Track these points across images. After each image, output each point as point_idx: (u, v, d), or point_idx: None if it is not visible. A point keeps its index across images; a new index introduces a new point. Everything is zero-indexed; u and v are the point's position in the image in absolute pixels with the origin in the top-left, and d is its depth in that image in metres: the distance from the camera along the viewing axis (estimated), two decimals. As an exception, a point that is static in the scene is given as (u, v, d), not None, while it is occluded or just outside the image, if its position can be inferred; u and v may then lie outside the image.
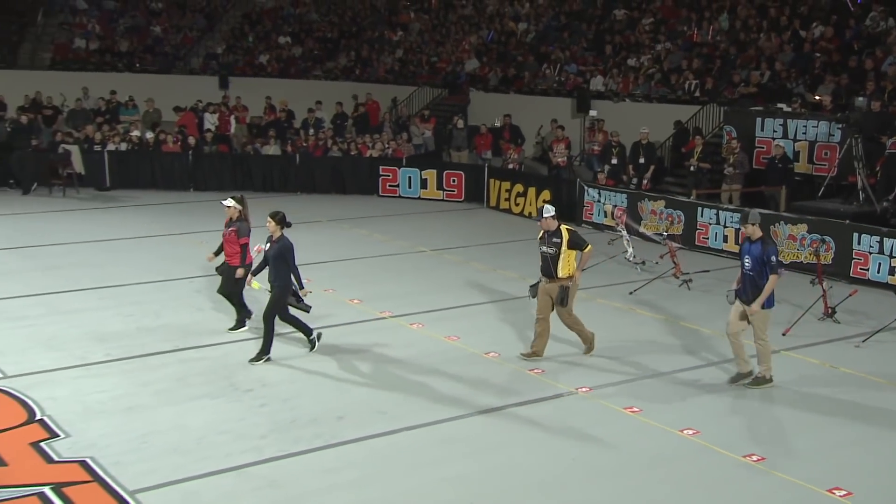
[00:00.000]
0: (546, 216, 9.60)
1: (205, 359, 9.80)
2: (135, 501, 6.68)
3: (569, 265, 9.49)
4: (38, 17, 33.22)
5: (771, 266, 8.55)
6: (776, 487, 6.98)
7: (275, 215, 9.57)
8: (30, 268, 13.17)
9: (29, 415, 8.15)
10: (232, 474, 7.18)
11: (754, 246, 8.67)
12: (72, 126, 21.23)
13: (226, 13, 36.14)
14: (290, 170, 20.31)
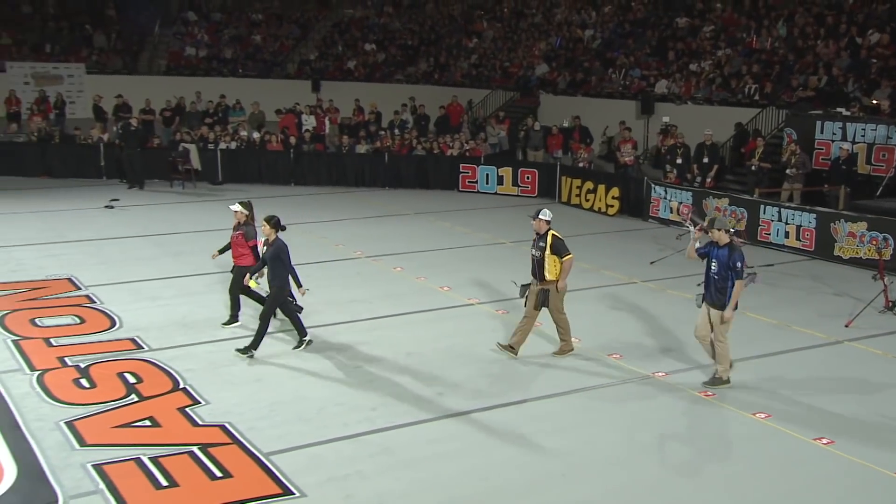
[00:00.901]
0: (541, 218, 9.22)
1: (315, 338, 10.13)
2: (269, 462, 7.03)
3: (554, 269, 9.16)
4: (156, 29, 34.21)
5: (736, 272, 8.24)
6: (846, 468, 7.00)
7: (269, 219, 9.37)
8: (160, 254, 13.70)
9: (174, 383, 8.59)
10: (350, 441, 7.49)
11: (721, 251, 8.37)
12: (187, 126, 21.93)
13: (318, 23, 36.67)
14: (380, 167, 20.63)
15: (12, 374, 8.62)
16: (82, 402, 8.05)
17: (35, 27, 32.86)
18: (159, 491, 6.55)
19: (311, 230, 15.79)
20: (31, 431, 7.39)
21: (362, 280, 12.69)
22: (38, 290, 11.36)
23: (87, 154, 19.82)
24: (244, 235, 10.10)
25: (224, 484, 6.71)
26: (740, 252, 8.43)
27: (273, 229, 9.30)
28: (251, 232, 10.11)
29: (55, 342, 9.52)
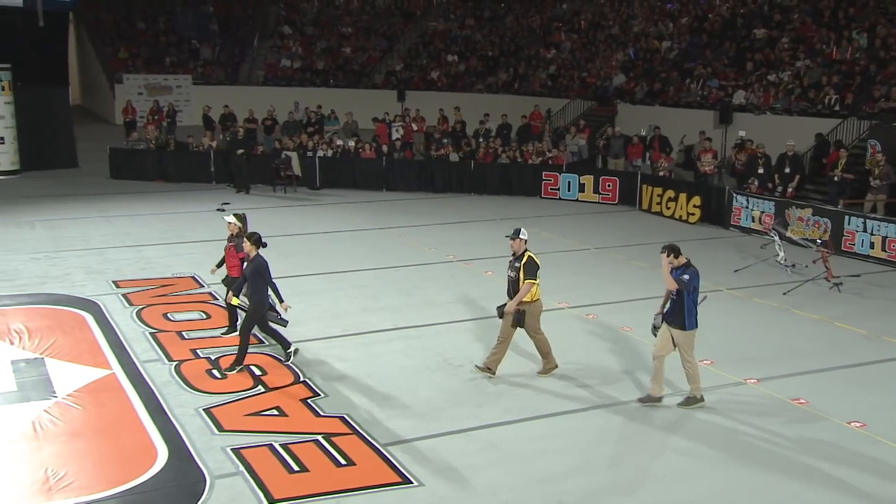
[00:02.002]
0: (519, 238, 8.91)
1: (420, 337, 10.43)
2: (388, 453, 7.35)
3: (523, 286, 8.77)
4: (255, 42, 35.31)
5: (680, 280, 8.02)
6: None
7: (251, 236, 9.17)
8: (271, 254, 13.93)
9: (294, 377, 8.99)
10: (459, 435, 7.75)
11: (678, 271, 8.17)
12: (286, 135, 22.61)
13: (403, 35, 37.26)
14: (465, 174, 20.89)
15: (153, 363, 9.18)
16: (216, 391, 8.53)
17: (149, 42, 34.32)
18: (292, 475, 6.93)
19: (403, 234, 16.16)
20: (176, 417, 7.89)
21: (456, 283, 12.95)
22: (167, 287, 11.99)
23: (198, 160, 20.66)
24: (236, 247, 9.88)
25: (349, 471, 7.05)
26: (695, 270, 8.16)
27: (254, 246, 9.03)
28: (241, 244, 9.72)
29: (187, 335, 10.07)
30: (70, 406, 8.01)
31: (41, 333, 9.77)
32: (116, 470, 6.85)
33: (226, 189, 19.76)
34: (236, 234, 9.99)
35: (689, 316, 8.14)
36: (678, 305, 8.15)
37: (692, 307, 8.15)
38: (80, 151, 22.33)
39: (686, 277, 8.06)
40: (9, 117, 19.80)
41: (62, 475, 6.71)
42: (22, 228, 15.15)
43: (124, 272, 12.62)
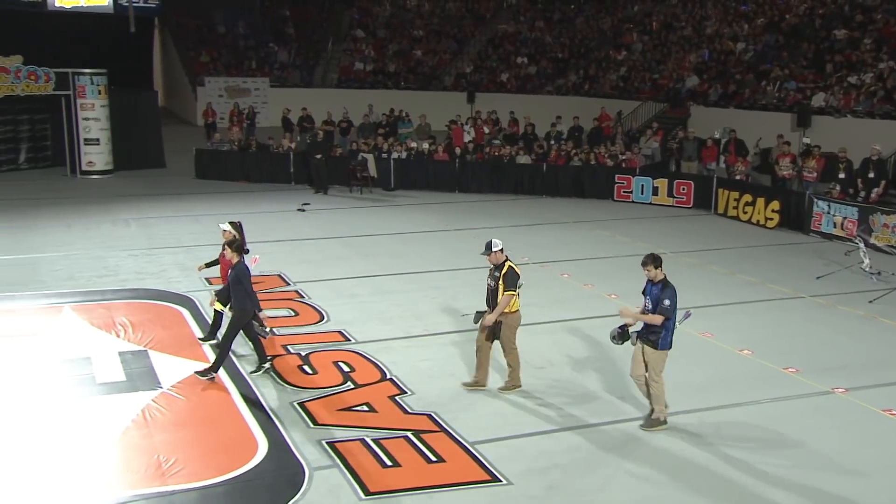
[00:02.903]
0: (494, 250, 8.67)
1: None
2: (475, 450, 7.51)
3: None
4: (329, 45, 35.97)
5: (662, 308, 7.65)
6: None
7: (231, 243, 9.11)
8: (352, 254, 14.55)
9: (381, 374, 9.23)
10: (545, 436, 7.85)
11: (655, 287, 7.82)
12: (361, 137, 23.03)
13: (473, 38, 37.41)
14: (537, 176, 20.92)
15: (248, 358, 9.54)
16: (308, 385, 8.82)
17: (228, 45, 35.33)
18: (385, 469, 7.15)
19: (477, 236, 16.26)
20: (273, 410, 8.21)
21: (532, 285, 12.94)
22: (255, 285, 12.27)
23: (278, 161, 21.22)
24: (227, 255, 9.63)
25: (439, 467, 7.23)
26: (673, 290, 7.78)
27: (235, 253, 8.95)
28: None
29: (277, 331, 10.42)
30: (174, 397, 8.41)
31: (144, 327, 10.25)
32: (222, 459, 7.18)
33: (305, 189, 20.24)
34: (231, 241, 9.64)
35: (665, 336, 7.79)
36: (653, 324, 7.77)
37: (671, 327, 7.80)
38: (166, 152, 23.15)
39: (667, 303, 7.64)
40: (104, 120, 20.69)
41: (172, 462, 7.08)
42: (118, 226, 15.85)
43: (215, 269, 13.06)
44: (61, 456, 7.19)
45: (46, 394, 8.40)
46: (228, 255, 9.01)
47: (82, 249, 13.96)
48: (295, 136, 22.55)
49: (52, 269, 12.73)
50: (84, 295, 11.55)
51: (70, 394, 8.43)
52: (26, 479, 6.80)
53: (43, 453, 7.23)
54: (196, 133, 27.66)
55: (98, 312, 10.72)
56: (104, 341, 9.76)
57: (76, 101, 20.36)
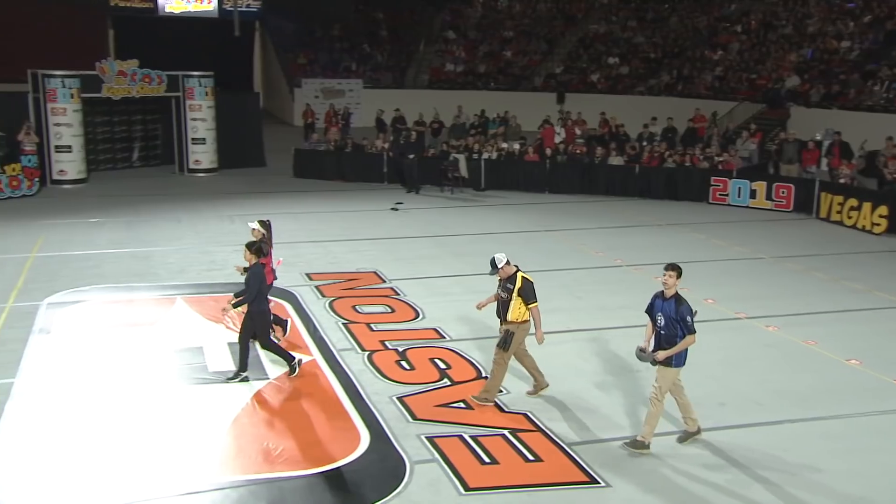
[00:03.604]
0: (501, 266, 8.44)
1: (594, 340, 10.48)
2: (573, 451, 7.50)
3: (517, 310, 8.36)
4: (420, 47, 36.38)
5: (687, 326, 7.24)
6: None
7: (250, 245, 9.00)
8: (443, 253, 14.70)
9: (476, 372, 9.32)
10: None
11: (668, 304, 7.37)
12: (453, 137, 23.20)
13: (564, 38, 37.11)
14: (630, 178, 20.61)
15: (348, 352, 9.79)
16: (406, 381, 8.99)
17: (324, 48, 36.21)
18: (484, 466, 7.23)
19: (569, 237, 16.20)
20: (373, 403, 8.41)
21: (626, 288, 12.87)
22: (353, 281, 12.71)
23: (372, 161, 21.62)
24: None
25: (537, 467, 7.26)
26: (688, 305, 7.39)
27: (253, 255, 8.86)
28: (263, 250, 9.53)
29: (375, 327, 10.66)
30: (281, 387, 8.73)
31: (250, 319, 10.65)
32: (327, 448, 7.42)
33: (397, 189, 20.55)
34: (259, 240, 9.77)
35: (679, 353, 7.37)
36: (669, 340, 7.35)
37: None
38: (265, 151, 23.89)
39: (690, 319, 7.28)
40: (210, 120, 21.55)
41: (280, 449, 7.35)
42: (223, 222, 16.49)
43: (314, 266, 13.47)
44: (178, 439, 7.57)
45: (163, 380, 8.84)
46: (246, 257, 8.85)
47: (192, 244, 14.61)
48: (389, 136, 22.93)
49: (165, 262, 13.37)
50: (195, 287, 12.09)
51: (184, 381, 8.86)
52: (144, 461, 7.19)
53: (160, 436, 7.63)
54: (293, 133, 28.45)
55: (208, 304, 11.20)
56: (214, 332, 10.20)
57: (185, 103, 21.28)
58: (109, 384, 8.69)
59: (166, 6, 34.63)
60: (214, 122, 21.65)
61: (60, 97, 19.25)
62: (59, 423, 7.82)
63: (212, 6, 35.09)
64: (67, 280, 12.18)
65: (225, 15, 33.91)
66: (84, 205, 17.62)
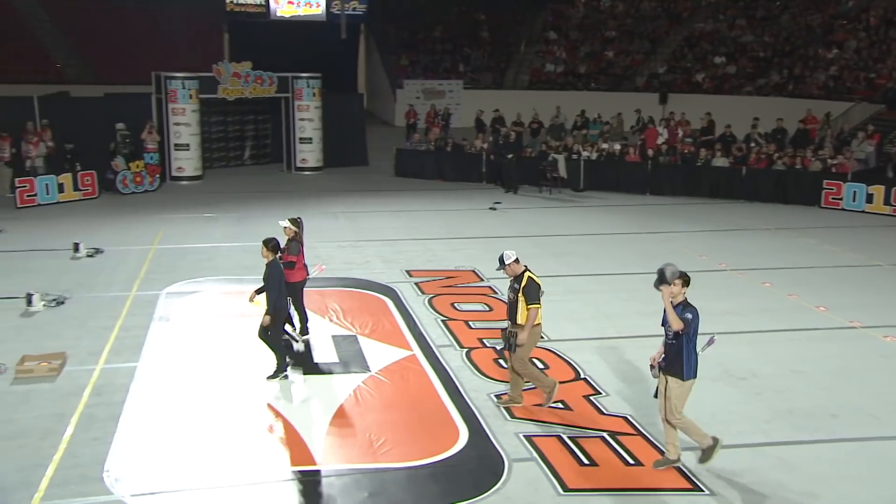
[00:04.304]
0: (508, 263, 8.06)
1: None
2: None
3: (525, 312, 7.97)
4: (521, 48, 36.25)
5: (684, 318, 6.70)
6: None
7: (267, 242, 8.76)
8: (541, 254, 14.53)
9: (575, 373, 9.21)
10: (747, 450, 7.49)
11: (675, 310, 6.82)
12: (551, 138, 23.00)
13: (668, 37, 36.18)
14: (736, 180, 19.89)
15: (447, 348, 9.87)
16: (504, 379, 8.96)
17: (426, 49, 36.61)
18: (583, 467, 7.13)
19: (671, 239, 15.78)
20: (471, 400, 8.44)
21: (731, 293, 12.43)
22: (452, 279, 12.79)
23: (471, 161, 21.70)
24: (288, 250, 9.58)
25: (637, 471, 7.11)
26: (695, 310, 6.88)
27: (270, 252, 8.72)
28: (294, 248, 9.59)
29: (473, 325, 10.69)
30: (382, 381, 8.88)
31: (353, 314, 10.89)
32: (427, 442, 7.49)
33: (495, 189, 20.55)
34: (291, 237, 9.64)
35: (689, 363, 6.93)
36: (676, 351, 6.93)
37: (692, 353, 6.95)
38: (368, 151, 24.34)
39: (689, 316, 6.80)
40: (316, 120, 22.16)
41: (382, 441, 7.48)
42: (328, 219, 16.93)
43: (414, 263, 13.63)
44: (284, 426, 7.80)
45: (272, 369, 9.13)
46: (264, 255, 8.70)
47: (297, 239, 15.05)
48: (488, 136, 22.96)
49: (273, 256, 13.83)
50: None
51: (290, 370, 9.12)
52: (251, 445, 7.46)
53: (266, 422, 7.89)
54: (394, 133, 28.89)
55: (313, 298, 11.47)
56: (319, 325, 10.46)
57: (294, 103, 21.96)
58: (221, 371, 9.07)
59: (277, 10, 35.83)
60: (320, 122, 22.23)
61: (180, 98, 20.22)
62: (175, 405, 8.23)
63: (320, 10, 36.07)
64: (184, 271, 12.79)
65: (332, 18, 34.78)
66: (200, 200, 18.45)
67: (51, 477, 6.78)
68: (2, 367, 8.77)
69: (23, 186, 17.25)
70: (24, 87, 24.40)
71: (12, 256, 13.48)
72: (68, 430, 7.57)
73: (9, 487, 6.60)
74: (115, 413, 7.94)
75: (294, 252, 9.55)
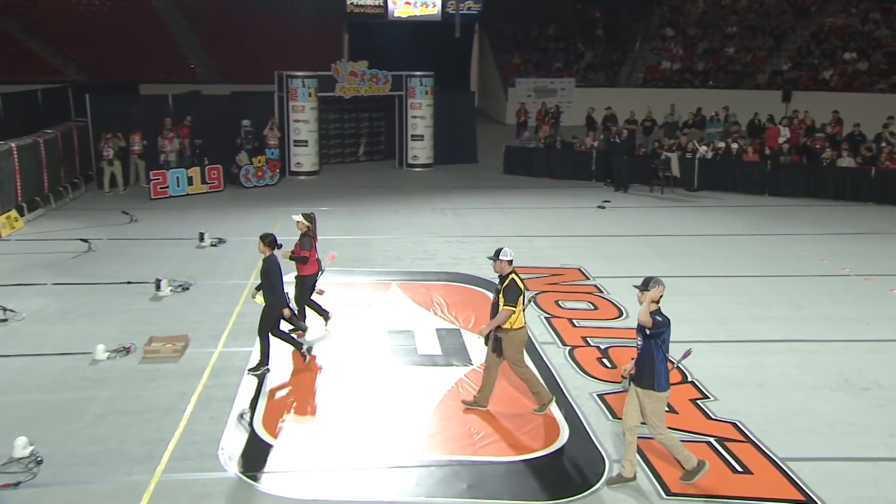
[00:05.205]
0: (501, 259, 7.59)
1: (815, 352, 9.62)
2: (787, 468, 6.92)
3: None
4: (636, 45, 35.39)
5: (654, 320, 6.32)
6: None
7: (265, 237, 8.73)
8: (651, 253, 14.18)
9: (683, 376, 8.87)
10: (869, 464, 7.03)
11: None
12: (665, 136, 22.31)
13: (793, 33, 34.37)
14: (864, 181, 18.65)
15: (549, 346, 9.75)
16: (607, 379, 8.78)
17: (539, 48, 36.34)
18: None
19: (789, 242, 14.99)
20: (573, 398, 8.30)
21: (855, 299, 11.69)
22: (557, 277, 12.62)
23: (581, 159, 21.36)
24: (300, 245, 9.65)
25: (745, 479, 6.79)
26: (666, 319, 6.47)
27: (267, 247, 8.69)
28: (307, 243, 9.65)
29: (577, 323, 10.51)
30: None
31: (457, 308, 10.94)
32: (527, 438, 7.43)
33: (605, 187, 20.15)
34: (304, 232, 9.71)
35: (659, 373, 6.46)
36: (645, 361, 6.49)
37: (662, 363, 6.48)
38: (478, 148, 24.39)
39: (659, 318, 6.41)
40: (428, 118, 22.41)
41: (482, 434, 7.47)
42: (436, 214, 17.09)
43: (519, 259, 13.35)
44: (388, 415, 7.93)
45: (377, 359, 9.31)
46: (261, 249, 8.72)
47: (407, 234, 15.27)
48: (599, 134, 22.54)
49: (383, 250, 14.10)
50: (408, 275, 12.63)
51: (395, 361, 9.27)
52: (358, 433, 7.61)
53: (373, 411, 8.04)
54: (505, 131, 28.83)
55: (419, 291, 11.66)
56: (424, 318, 10.58)
57: (407, 101, 22.29)
58: (330, 359, 9.30)
59: (395, 11, 36.51)
60: (432, 120, 22.46)
61: (300, 96, 20.93)
62: (287, 388, 8.51)
63: (436, 10, 36.48)
64: (299, 261, 13.23)
65: (448, 18, 35.09)
66: (316, 195, 19.03)
67: (172, 451, 7.17)
68: (132, 347, 9.35)
69: (156, 179, 18.34)
70: (164, 87, 25.95)
71: (145, 244, 14.36)
72: (188, 409, 7.98)
73: (135, 458, 7.03)
74: (230, 394, 8.30)
75: (306, 247, 9.66)
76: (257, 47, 33.87)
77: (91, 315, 10.53)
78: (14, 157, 15.60)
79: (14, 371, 8.78)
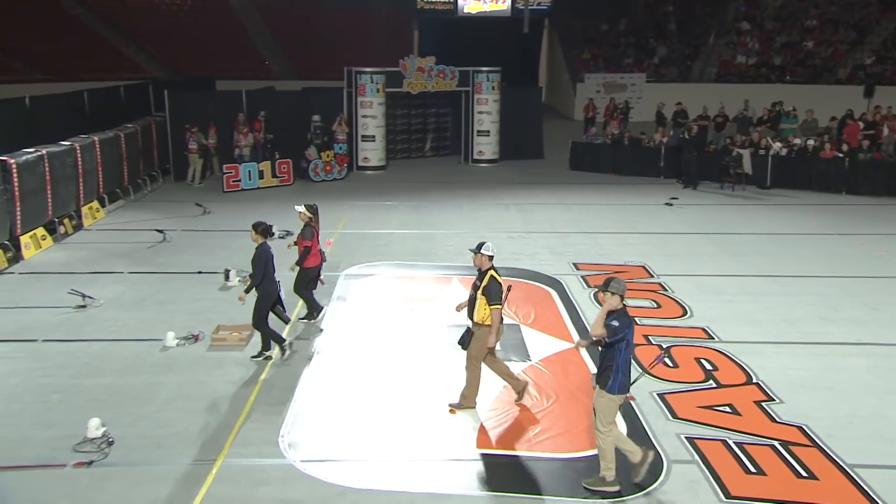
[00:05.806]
0: (483, 253, 7.51)
1: (890, 356, 9.24)
2: (856, 474, 6.65)
3: (482, 312, 7.48)
4: (710, 39, 34.44)
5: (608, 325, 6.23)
6: None
7: (257, 226, 8.83)
8: (718, 252, 13.79)
9: (747, 377, 8.63)
10: (946, 475, 6.68)
11: (611, 317, 6.33)
12: (737, 132, 21.65)
13: (879, 26, 32.85)
14: (950, 180, 17.73)
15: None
16: (669, 378, 8.59)
17: (609, 43, 35.76)
18: (748, 475, 6.68)
19: (868, 242, 14.37)
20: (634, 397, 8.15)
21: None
22: (620, 274, 12.29)
23: (649, 155, 20.94)
24: (301, 235, 9.82)
25: (809, 485, 6.55)
26: (628, 320, 6.36)
27: (259, 235, 8.80)
28: (307, 233, 9.79)
29: (639, 321, 10.29)
30: (541, 371, 8.80)
31: (517, 303, 10.86)
32: (582, 435, 7.33)
33: (673, 184, 19.70)
34: (305, 223, 9.87)
35: (616, 377, 6.31)
36: (606, 363, 6.37)
37: (622, 368, 6.32)
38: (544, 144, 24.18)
39: (614, 324, 6.27)
40: (495, 113, 22.32)
41: (537, 430, 7.42)
42: (500, 209, 17.02)
43: (582, 256, 13.38)
44: (444, 408, 7.94)
45: (435, 352, 9.34)
46: (253, 238, 8.86)
47: (469, 228, 15.26)
48: (668, 130, 22.03)
49: (445, 245, 14.12)
50: (469, 269, 12.51)
51: (452, 355, 9.22)
52: (414, 424, 7.65)
53: (430, 403, 8.07)
54: (572, 127, 28.50)
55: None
56: (484, 311, 10.53)
57: (473, 97, 22.25)
58: (390, 351, 9.39)
59: (465, 7, 36.50)
60: (498, 116, 22.36)
61: (368, 91, 21.14)
62: (346, 380, 8.63)
63: (505, 6, 36.31)
64: (363, 255, 13.37)
65: (517, 14, 34.86)
66: (382, 189, 19.22)
67: (234, 437, 7.35)
68: (200, 335, 9.63)
69: (229, 172, 18.83)
70: (239, 83, 26.61)
71: (216, 235, 14.77)
72: (251, 396, 8.17)
73: (199, 443, 7.24)
74: (292, 384, 8.46)
75: (307, 237, 9.83)
76: (329, 44, 34.38)
77: (163, 303, 10.90)
78: (97, 150, 16.27)
79: (91, 355, 9.16)
